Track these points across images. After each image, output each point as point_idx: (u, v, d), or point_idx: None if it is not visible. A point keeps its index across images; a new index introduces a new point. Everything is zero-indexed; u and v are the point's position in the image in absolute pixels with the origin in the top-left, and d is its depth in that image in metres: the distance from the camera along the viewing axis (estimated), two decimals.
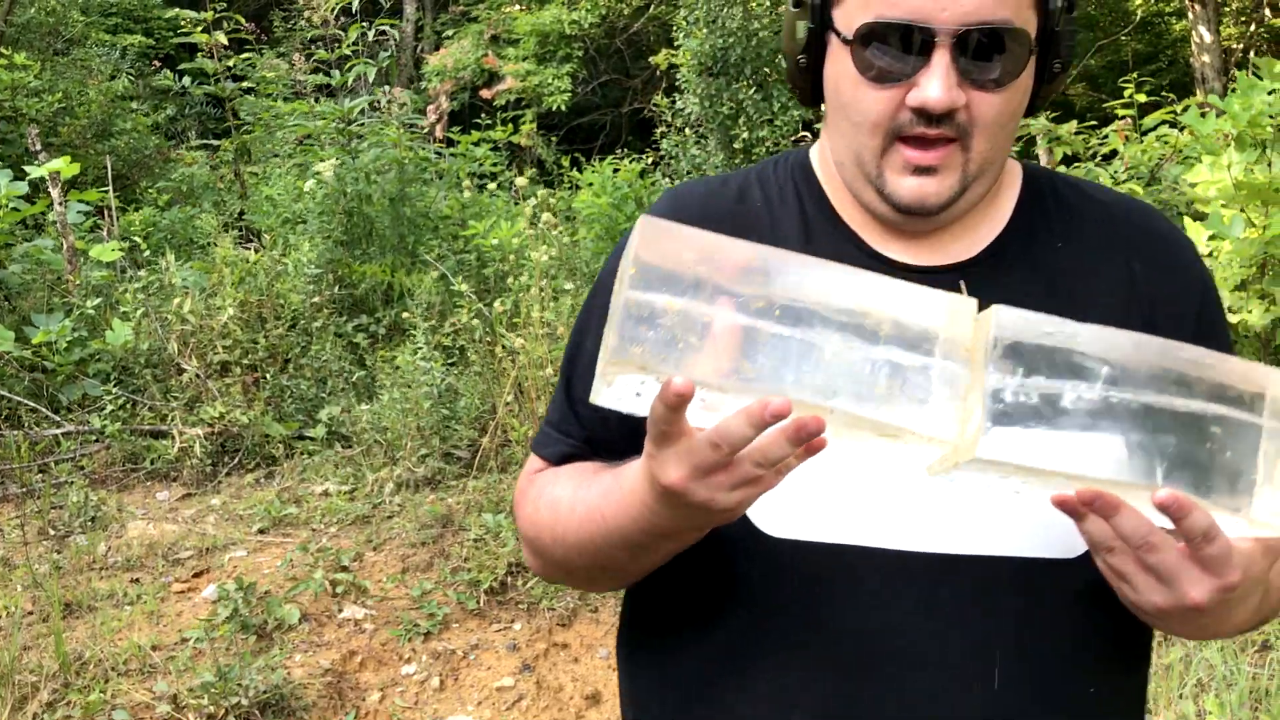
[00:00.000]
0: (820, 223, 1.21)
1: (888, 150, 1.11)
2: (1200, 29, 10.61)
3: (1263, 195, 4.23)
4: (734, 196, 1.24)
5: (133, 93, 11.64)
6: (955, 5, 1.03)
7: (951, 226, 1.18)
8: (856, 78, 1.09)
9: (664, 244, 0.88)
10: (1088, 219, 1.22)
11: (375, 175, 7.00)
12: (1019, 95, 1.11)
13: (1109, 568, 0.95)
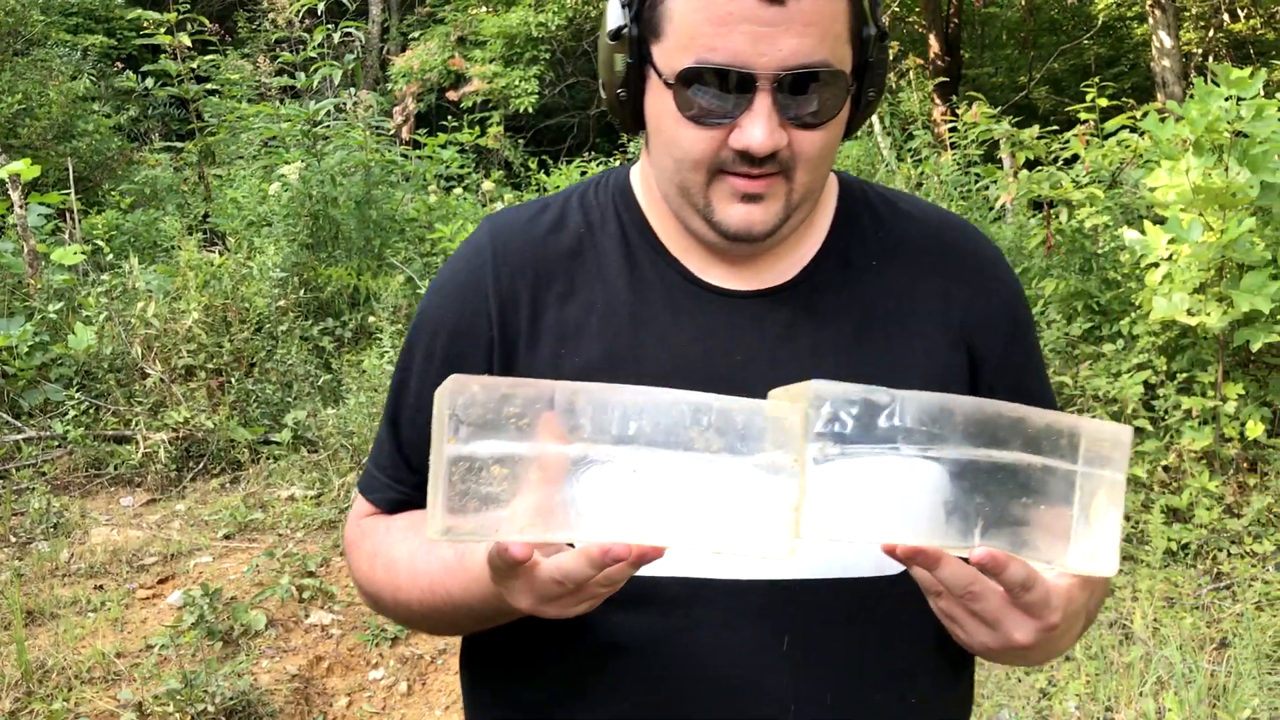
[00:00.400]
0: (642, 249, 1.22)
1: (713, 182, 1.12)
2: (1160, 34, 10.74)
3: (1220, 200, 4.29)
4: (553, 224, 1.25)
5: (94, 94, 11.53)
6: (774, 50, 1.04)
7: (773, 250, 1.21)
8: (678, 117, 1.09)
9: (476, 397, 0.89)
10: (903, 237, 1.25)
11: (341, 178, 6.97)
12: (837, 129, 1.14)
13: (939, 610, 0.99)
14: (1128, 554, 4.23)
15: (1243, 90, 4.37)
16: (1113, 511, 0.94)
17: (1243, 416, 4.45)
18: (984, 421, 0.92)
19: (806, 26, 1.04)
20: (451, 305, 1.23)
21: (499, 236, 1.24)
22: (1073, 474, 0.93)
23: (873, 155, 7.42)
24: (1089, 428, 0.94)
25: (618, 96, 1.16)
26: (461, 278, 1.24)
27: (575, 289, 1.20)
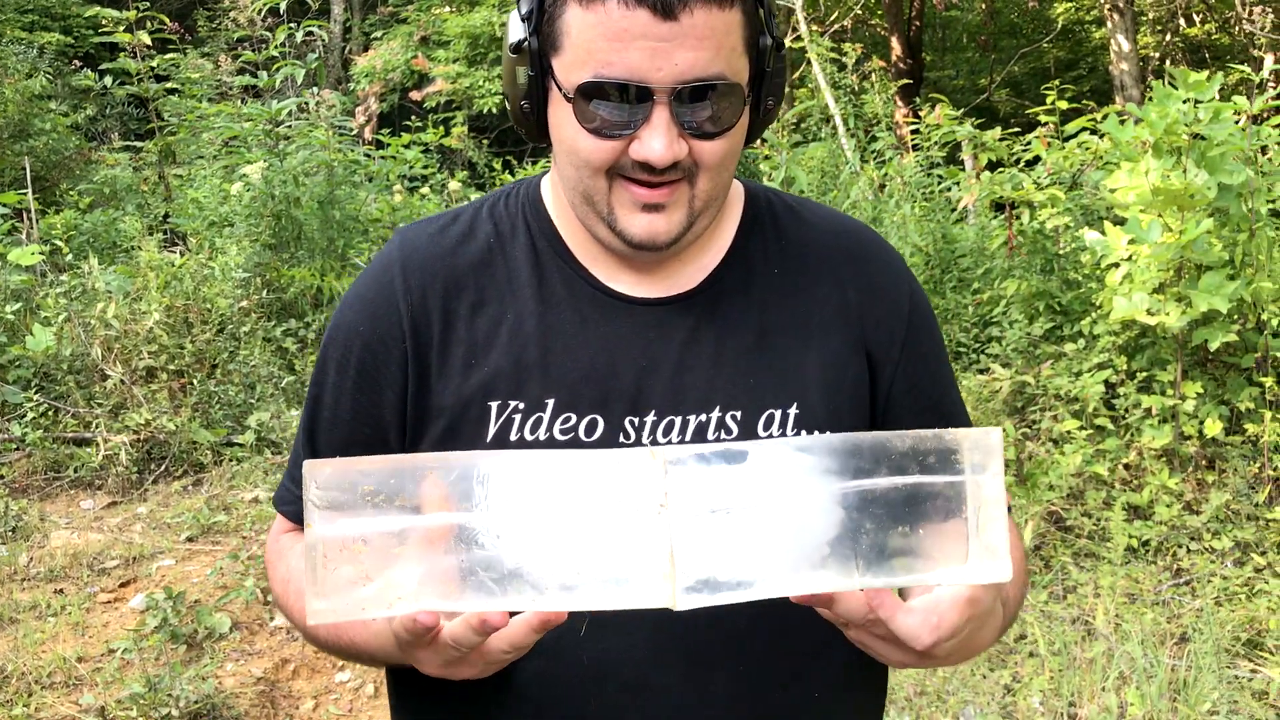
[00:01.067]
0: (551, 259, 1.24)
1: (614, 188, 1.15)
2: (1119, 37, 10.87)
3: (1178, 201, 4.35)
4: (462, 235, 1.26)
5: (51, 92, 11.37)
6: (669, 65, 1.07)
7: (679, 256, 1.23)
8: (578, 128, 1.12)
9: (331, 479, 0.90)
10: (803, 245, 1.28)
11: (304, 178, 6.92)
12: (738, 137, 1.16)
13: (853, 639, 1.01)
14: (1089, 551, 4.28)
15: (1200, 93, 4.44)
16: (998, 516, 0.93)
17: (1201, 415, 4.51)
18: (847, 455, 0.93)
19: (700, 40, 1.07)
20: (363, 318, 1.23)
21: (408, 248, 1.26)
22: (957, 485, 0.93)
23: (837, 157, 7.46)
24: (958, 437, 0.94)
25: (521, 108, 1.19)
26: (372, 291, 1.25)
27: (485, 300, 1.22)
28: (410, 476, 0.90)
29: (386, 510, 0.89)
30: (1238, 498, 4.35)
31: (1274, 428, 4.43)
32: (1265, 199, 4.65)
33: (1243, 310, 4.59)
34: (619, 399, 1.17)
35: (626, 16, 1.05)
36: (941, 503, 0.93)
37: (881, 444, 0.93)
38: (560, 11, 1.11)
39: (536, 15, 1.14)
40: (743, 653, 1.17)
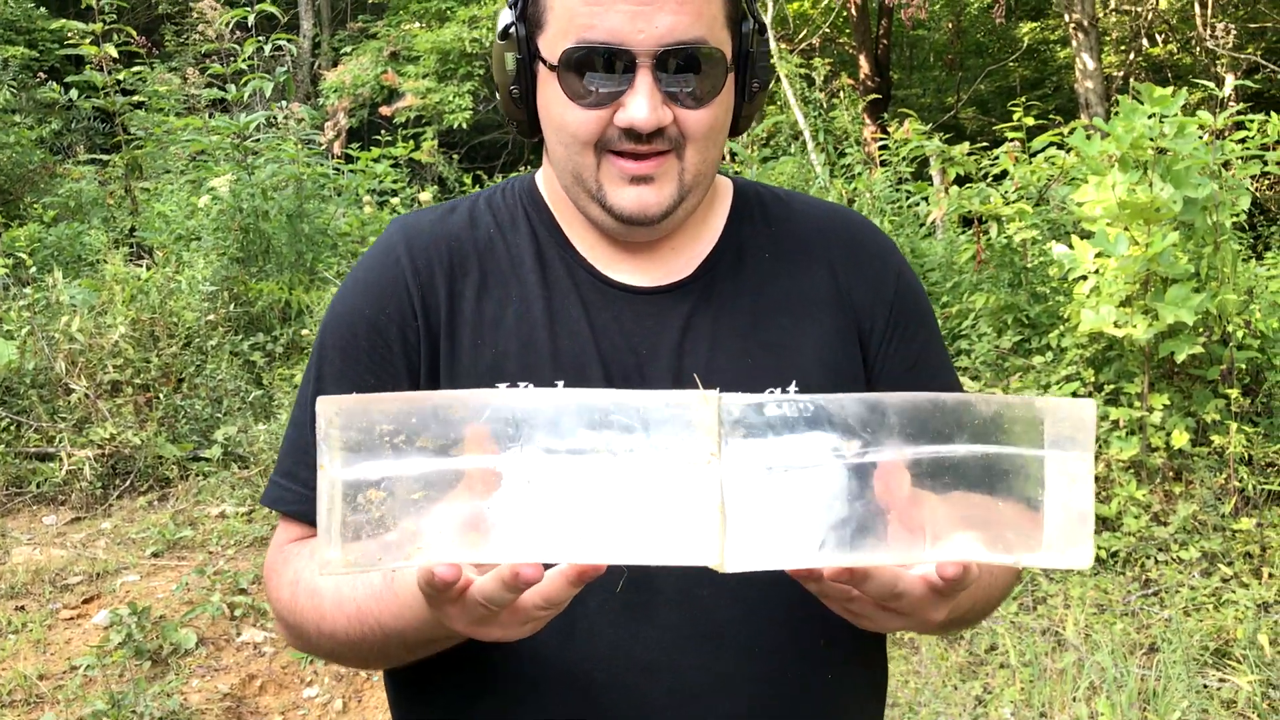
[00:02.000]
0: (551, 247, 1.25)
1: (602, 163, 1.16)
2: (1084, 56, 11.00)
3: (1145, 214, 4.39)
4: (465, 222, 1.27)
5: (15, 105, 11.26)
6: (651, 27, 1.08)
7: (671, 242, 1.25)
8: (564, 100, 1.13)
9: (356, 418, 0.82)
10: (794, 230, 1.30)
11: (272, 191, 6.88)
12: (722, 110, 1.17)
13: (845, 610, 0.97)
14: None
15: (1165, 109, 4.49)
16: (1083, 498, 0.86)
17: (1168, 426, 4.55)
18: (921, 417, 0.85)
19: (681, 4, 1.09)
20: (368, 302, 1.22)
21: (410, 232, 1.26)
22: (1038, 460, 0.85)
23: (806, 172, 7.50)
24: (1047, 408, 0.87)
25: (511, 94, 1.20)
26: (376, 274, 1.24)
27: (489, 282, 1.22)
28: (434, 416, 0.82)
29: (406, 452, 0.82)
30: (1205, 509, 4.38)
31: (1239, 439, 4.47)
32: (1229, 213, 4.70)
33: (1208, 323, 4.64)
34: (624, 381, 1.17)
35: None
36: (1021, 478, 0.86)
37: (965, 407, 0.85)
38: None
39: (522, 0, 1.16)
40: (760, 632, 1.16)
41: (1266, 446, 4.60)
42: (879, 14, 13.92)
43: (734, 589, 1.13)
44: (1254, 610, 3.85)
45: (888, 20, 13.96)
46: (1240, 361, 4.63)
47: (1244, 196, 4.78)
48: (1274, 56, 11.90)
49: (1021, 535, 0.86)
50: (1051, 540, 0.86)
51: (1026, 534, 0.86)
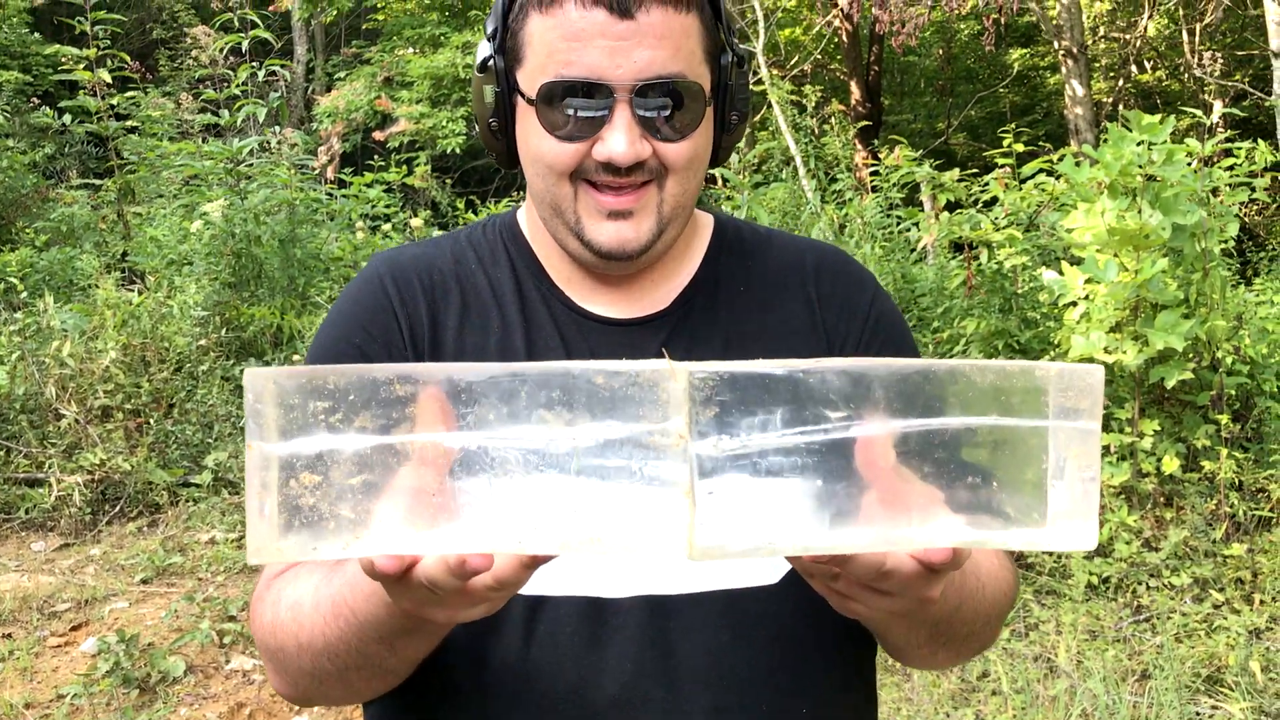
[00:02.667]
0: (530, 281, 1.26)
1: (579, 195, 1.16)
2: (1073, 83, 11.07)
3: (1134, 241, 4.42)
4: (447, 256, 1.28)
5: (8, 130, 11.28)
6: (629, 63, 1.09)
7: (650, 274, 1.26)
8: (542, 133, 1.14)
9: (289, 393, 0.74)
10: (770, 263, 1.31)
11: (265, 216, 6.88)
12: (702, 142, 1.18)
13: (830, 590, 0.92)
14: (1050, 589, 4.30)
15: (1153, 136, 4.52)
16: (1089, 473, 0.79)
17: (1159, 452, 4.56)
18: (909, 388, 0.77)
19: (659, 40, 1.09)
20: (355, 330, 1.22)
21: (393, 264, 1.27)
22: (1040, 432, 0.78)
23: (798, 197, 7.52)
24: (1050, 375, 0.78)
25: (489, 126, 1.21)
26: (362, 305, 1.25)
27: (470, 312, 1.23)
28: (374, 392, 0.75)
29: (344, 430, 0.74)
30: (1195, 534, 4.39)
31: (1230, 465, 4.47)
32: (1218, 239, 4.73)
33: (1198, 348, 4.65)
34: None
35: (584, 17, 1.08)
36: (1022, 452, 0.78)
37: (958, 374, 0.77)
38: (522, 24, 1.14)
39: (501, 32, 1.17)
40: (729, 667, 1.15)
41: (1257, 472, 4.60)
42: (870, 41, 14.01)
43: (702, 617, 1.13)
44: (1246, 637, 3.84)
45: (878, 47, 14.05)
46: (1230, 387, 4.65)
47: (1232, 223, 4.81)
48: (1260, 84, 11.99)
49: (1021, 514, 0.79)
50: (1054, 520, 0.79)
51: (1025, 513, 0.79)
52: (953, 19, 13.54)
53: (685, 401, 0.76)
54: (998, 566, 1.19)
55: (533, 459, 0.76)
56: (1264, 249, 9.03)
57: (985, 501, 0.78)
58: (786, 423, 0.76)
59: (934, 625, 1.09)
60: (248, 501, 0.75)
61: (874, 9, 9.05)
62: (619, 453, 0.76)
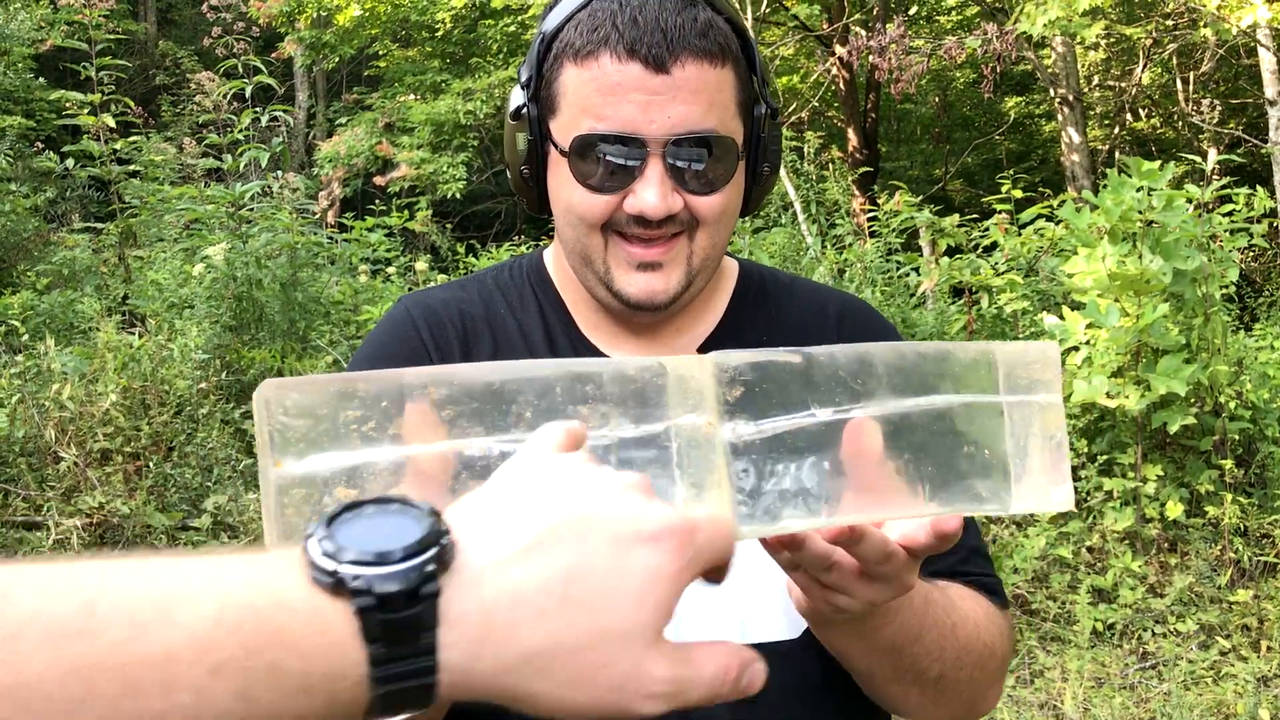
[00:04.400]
0: (558, 327, 1.26)
1: (610, 246, 1.16)
2: (1069, 130, 11.16)
3: (1135, 286, 4.43)
4: (476, 299, 1.28)
5: (11, 174, 11.34)
6: (663, 118, 1.09)
7: (675, 322, 1.26)
8: (574, 184, 1.14)
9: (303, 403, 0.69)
10: (793, 312, 1.31)
11: (266, 260, 6.90)
12: (733, 195, 1.18)
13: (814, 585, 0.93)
14: (1055, 635, 4.26)
15: (1153, 181, 4.55)
16: (1055, 439, 0.84)
17: (1162, 497, 4.54)
18: (906, 368, 0.81)
19: (694, 94, 1.10)
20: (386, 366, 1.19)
21: (422, 307, 1.27)
22: (1003, 407, 0.83)
23: (797, 242, 7.56)
24: (1007, 352, 0.84)
25: (521, 174, 1.21)
26: (391, 349, 1.23)
27: (501, 355, 1.23)
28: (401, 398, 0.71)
29: (379, 441, 0.70)
30: (1200, 580, 4.36)
31: (1233, 510, 4.46)
32: (1218, 284, 4.75)
33: (1200, 394, 4.66)
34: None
35: (620, 70, 1.09)
36: (985, 426, 0.82)
37: (927, 357, 0.82)
38: (557, 74, 1.14)
39: (535, 81, 1.17)
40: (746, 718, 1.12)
41: (1261, 517, 4.59)
42: (867, 88, 14.14)
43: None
44: (1254, 684, 3.81)
45: (875, 94, 14.17)
46: (1233, 432, 4.64)
47: (1232, 268, 4.84)
48: (1255, 131, 12.10)
49: (990, 490, 0.83)
50: (1022, 489, 0.83)
51: (995, 489, 0.83)
52: (950, 67, 13.68)
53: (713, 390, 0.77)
54: (982, 616, 1.17)
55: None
56: (1262, 294, 9.07)
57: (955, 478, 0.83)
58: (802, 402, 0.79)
59: (894, 651, 1.06)
60: (266, 528, 0.70)
61: (872, 57, 9.14)
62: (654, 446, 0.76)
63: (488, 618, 0.57)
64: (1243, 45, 11.08)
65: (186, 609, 0.53)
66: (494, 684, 0.58)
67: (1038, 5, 7.43)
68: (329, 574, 0.56)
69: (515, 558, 0.58)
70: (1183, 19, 11.39)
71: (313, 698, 0.54)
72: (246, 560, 0.57)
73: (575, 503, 0.61)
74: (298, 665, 0.54)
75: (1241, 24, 7.47)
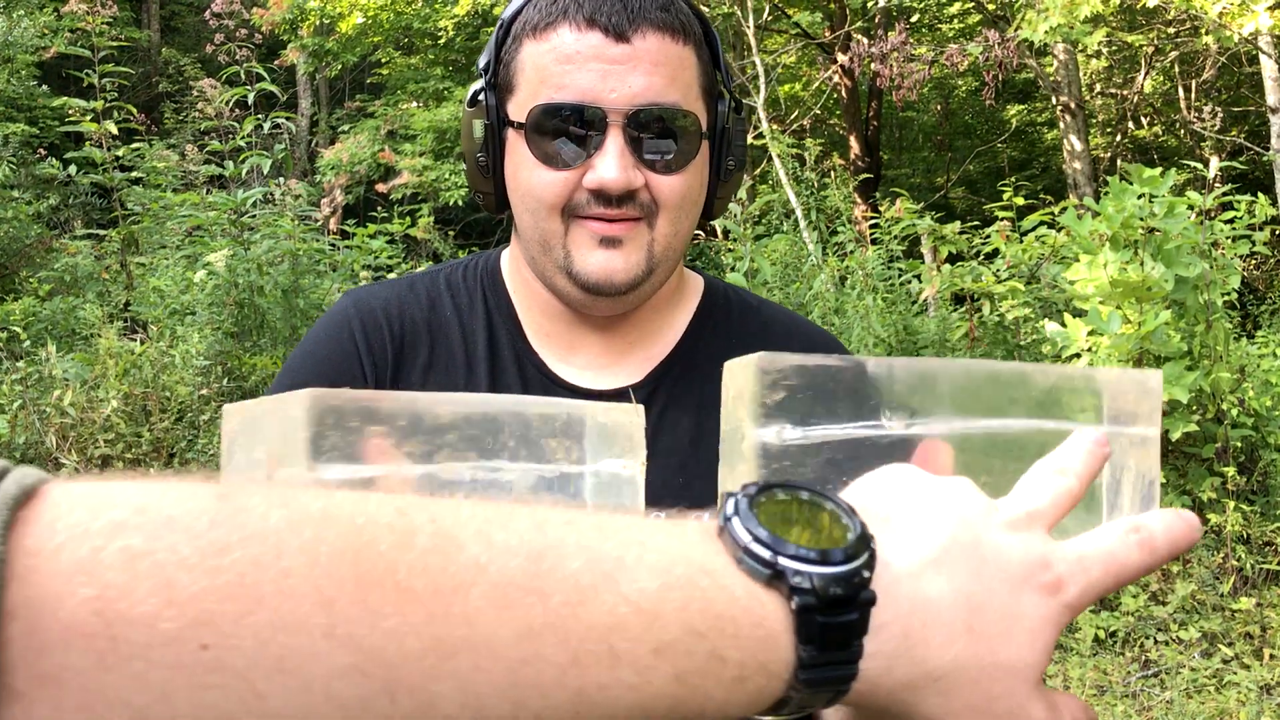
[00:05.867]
0: (504, 338, 1.22)
1: (570, 229, 1.12)
2: (1071, 138, 11.17)
3: (1136, 293, 4.43)
4: (423, 302, 1.24)
5: (13, 181, 11.35)
6: (624, 87, 1.06)
7: (629, 335, 1.21)
8: (533, 162, 1.10)
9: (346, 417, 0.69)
10: (756, 340, 1.25)
11: (268, 267, 6.91)
12: (696, 181, 1.14)
13: None
14: (1058, 642, 4.26)
15: (1154, 189, 4.55)
16: (1148, 478, 0.77)
17: (1164, 505, 4.54)
18: (974, 387, 0.76)
19: (655, 66, 1.07)
20: (317, 378, 1.17)
21: (363, 307, 1.23)
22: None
23: (799, 249, 7.56)
24: (1106, 378, 0.78)
25: (478, 162, 1.16)
26: (328, 349, 1.21)
27: (436, 365, 1.19)
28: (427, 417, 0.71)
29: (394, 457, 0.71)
30: (1203, 588, 4.35)
31: (1236, 518, 4.45)
32: (1220, 291, 4.74)
33: (1202, 401, 4.65)
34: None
35: (579, 39, 1.06)
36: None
37: (1022, 378, 0.76)
38: (515, 53, 1.12)
39: (494, 64, 1.14)
40: None
41: (1264, 525, 4.58)
42: (869, 96, 14.15)
43: None
44: (1256, 692, 3.80)
45: (877, 102, 14.19)
46: (1235, 440, 4.63)
47: (1234, 275, 4.83)
48: (1256, 139, 12.11)
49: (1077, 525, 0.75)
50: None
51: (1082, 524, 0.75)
52: (952, 74, 13.70)
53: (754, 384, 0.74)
54: None
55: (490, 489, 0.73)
56: (1264, 301, 9.06)
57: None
58: (850, 416, 0.74)
59: None
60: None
61: (874, 65, 9.15)
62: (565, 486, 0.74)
63: (905, 630, 0.55)
64: (1244, 53, 11.09)
65: (629, 579, 0.50)
66: (894, 698, 0.56)
67: (1039, 13, 7.43)
68: (767, 564, 0.53)
69: (923, 570, 0.56)
70: (1184, 26, 11.40)
71: (745, 689, 0.52)
72: (668, 532, 0.54)
73: (963, 523, 0.59)
74: (736, 655, 0.51)
75: (1243, 31, 7.47)
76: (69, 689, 0.41)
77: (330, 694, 0.44)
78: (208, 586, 0.43)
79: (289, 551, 0.45)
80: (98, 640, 0.42)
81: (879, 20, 12.91)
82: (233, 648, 0.43)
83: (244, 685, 0.43)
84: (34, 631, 0.41)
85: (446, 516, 0.49)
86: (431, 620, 0.46)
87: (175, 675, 0.42)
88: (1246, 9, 6.86)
